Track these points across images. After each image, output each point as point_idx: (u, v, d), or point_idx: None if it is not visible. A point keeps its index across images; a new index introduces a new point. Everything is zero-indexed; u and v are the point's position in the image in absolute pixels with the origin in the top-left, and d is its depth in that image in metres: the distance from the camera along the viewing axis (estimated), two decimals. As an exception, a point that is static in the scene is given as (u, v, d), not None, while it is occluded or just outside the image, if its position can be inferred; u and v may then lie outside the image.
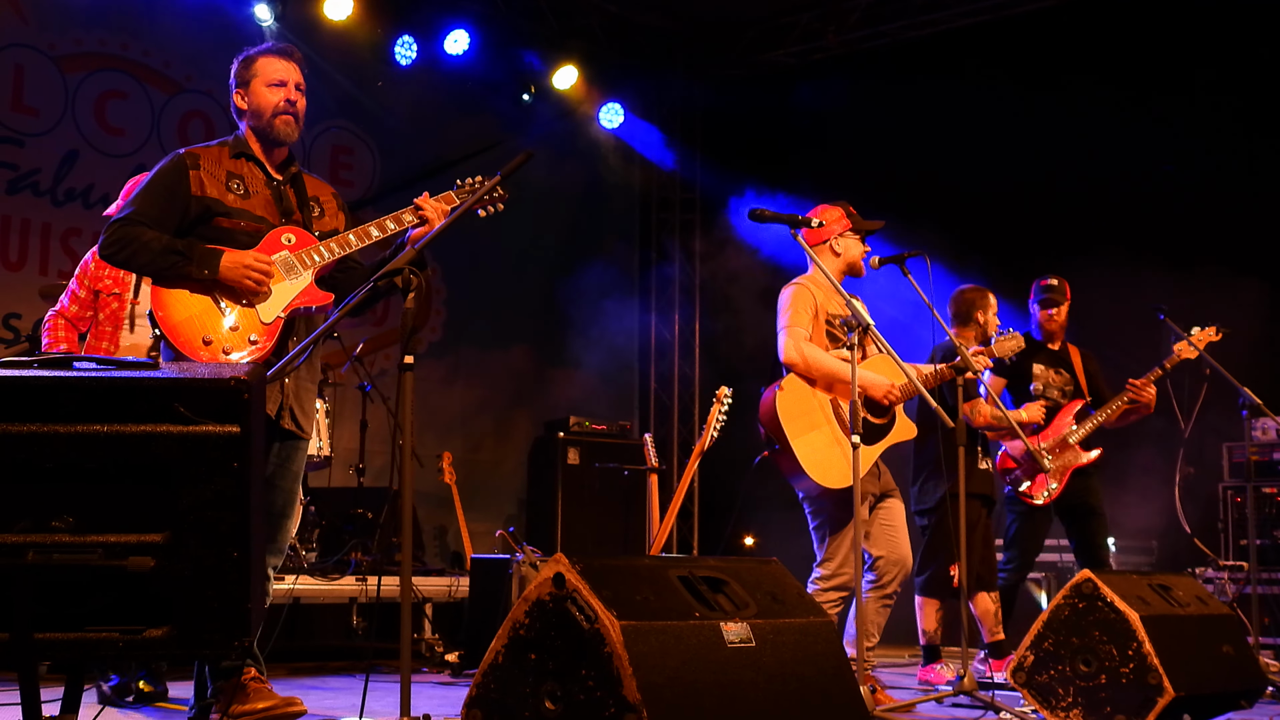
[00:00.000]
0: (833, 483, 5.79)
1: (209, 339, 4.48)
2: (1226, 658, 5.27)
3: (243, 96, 4.84)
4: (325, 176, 5.48)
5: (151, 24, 9.34)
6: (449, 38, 10.45)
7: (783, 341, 5.93)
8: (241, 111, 4.86)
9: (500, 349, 11.41)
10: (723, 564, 3.86)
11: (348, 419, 9.41)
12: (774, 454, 5.91)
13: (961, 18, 10.63)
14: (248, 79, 4.84)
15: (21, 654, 2.81)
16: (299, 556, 7.73)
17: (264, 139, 4.84)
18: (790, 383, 5.90)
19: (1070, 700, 4.97)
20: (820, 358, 5.87)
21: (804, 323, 5.94)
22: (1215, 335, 7.41)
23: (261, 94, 4.81)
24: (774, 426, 5.84)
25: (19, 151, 8.73)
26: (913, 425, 6.09)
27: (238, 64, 4.89)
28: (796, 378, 5.90)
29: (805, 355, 5.87)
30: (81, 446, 2.78)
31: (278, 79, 4.82)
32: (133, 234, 4.52)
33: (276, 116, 4.80)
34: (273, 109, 4.80)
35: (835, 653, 3.83)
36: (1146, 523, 9.41)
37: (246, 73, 4.85)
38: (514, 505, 11.30)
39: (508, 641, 3.47)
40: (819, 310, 6.00)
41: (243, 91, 4.84)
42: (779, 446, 5.84)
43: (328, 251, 4.72)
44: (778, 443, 5.84)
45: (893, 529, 6.01)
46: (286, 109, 4.81)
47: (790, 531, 7.86)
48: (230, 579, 2.80)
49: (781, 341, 5.94)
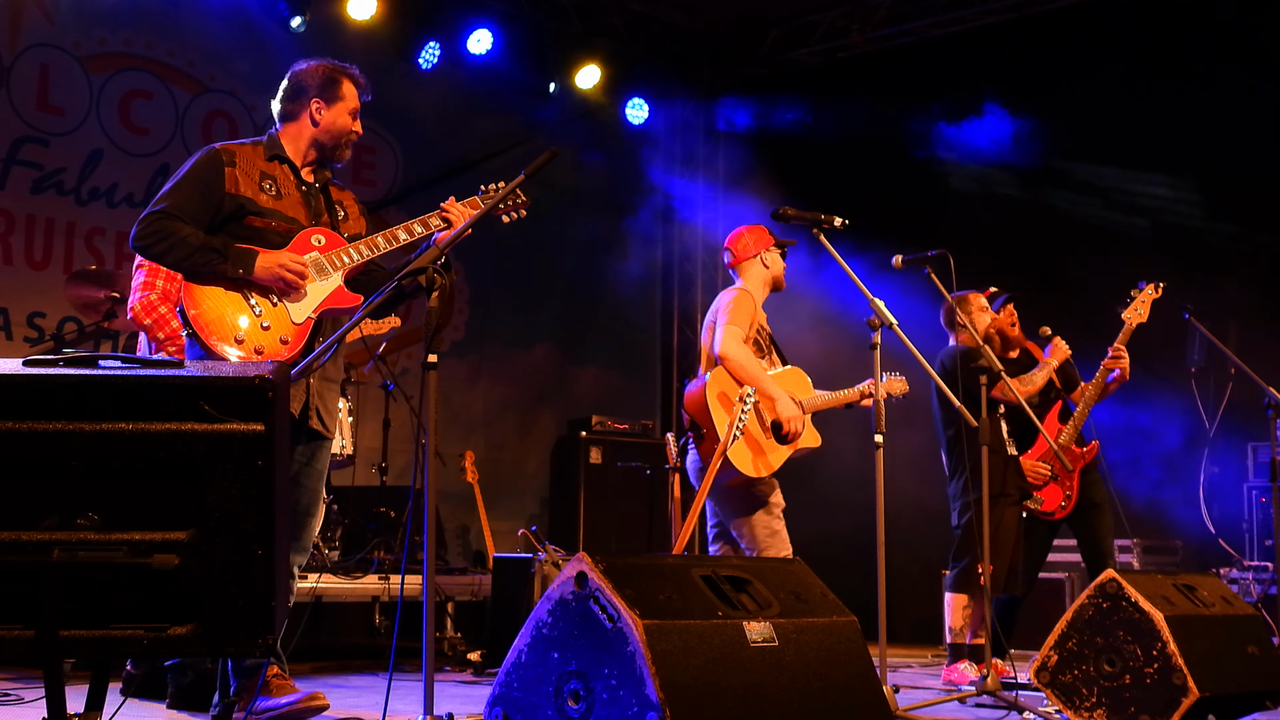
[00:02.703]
0: (750, 470, 6.10)
1: (241, 338, 4.49)
2: (1251, 658, 5.25)
3: (320, 110, 4.82)
4: (347, 176, 5.52)
5: (176, 24, 9.36)
6: (472, 37, 10.45)
7: (720, 334, 6.21)
8: (297, 117, 4.84)
9: (523, 348, 11.41)
10: (746, 563, 3.86)
11: (370, 418, 9.42)
12: (696, 440, 6.25)
13: (986, 15, 10.58)
14: (332, 97, 4.84)
15: (47, 651, 2.82)
16: (322, 555, 7.75)
17: (322, 154, 4.87)
18: (718, 374, 6.21)
19: (1094, 700, 4.95)
20: (752, 363, 6.18)
21: (745, 326, 6.27)
22: (1157, 293, 7.34)
23: (344, 118, 4.85)
24: (703, 415, 6.15)
25: (44, 151, 8.76)
26: (818, 434, 6.36)
27: (323, 74, 4.86)
28: (724, 372, 6.20)
29: (739, 355, 6.17)
30: (107, 444, 2.79)
31: (357, 108, 4.89)
32: (169, 228, 4.51)
33: (346, 146, 4.89)
34: (346, 135, 4.87)
35: (859, 652, 3.83)
36: (1171, 523, 9.37)
37: (334, 90, 4.84)
38: (536, 504, 11.30)
39: (531, 640, 3.47)
40: (755, 319, 6.35)
41: (322, 105, 4.83)
42: (705, 433, 6.16)
43: (356, 254, 4.74)
44: (704, 429, 6.16)
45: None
46: (354, 139, 4.92)
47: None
48: (255, 577, 2.81)
49: (719, 336, 6.22)
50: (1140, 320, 7.28)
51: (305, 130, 4.85)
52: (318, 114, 4.84)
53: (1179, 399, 9.28)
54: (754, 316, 6.32)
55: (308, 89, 4.85)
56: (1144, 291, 7.31)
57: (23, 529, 2.77)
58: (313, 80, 4.86)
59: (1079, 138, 10.11)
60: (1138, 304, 7.29)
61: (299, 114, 4.85)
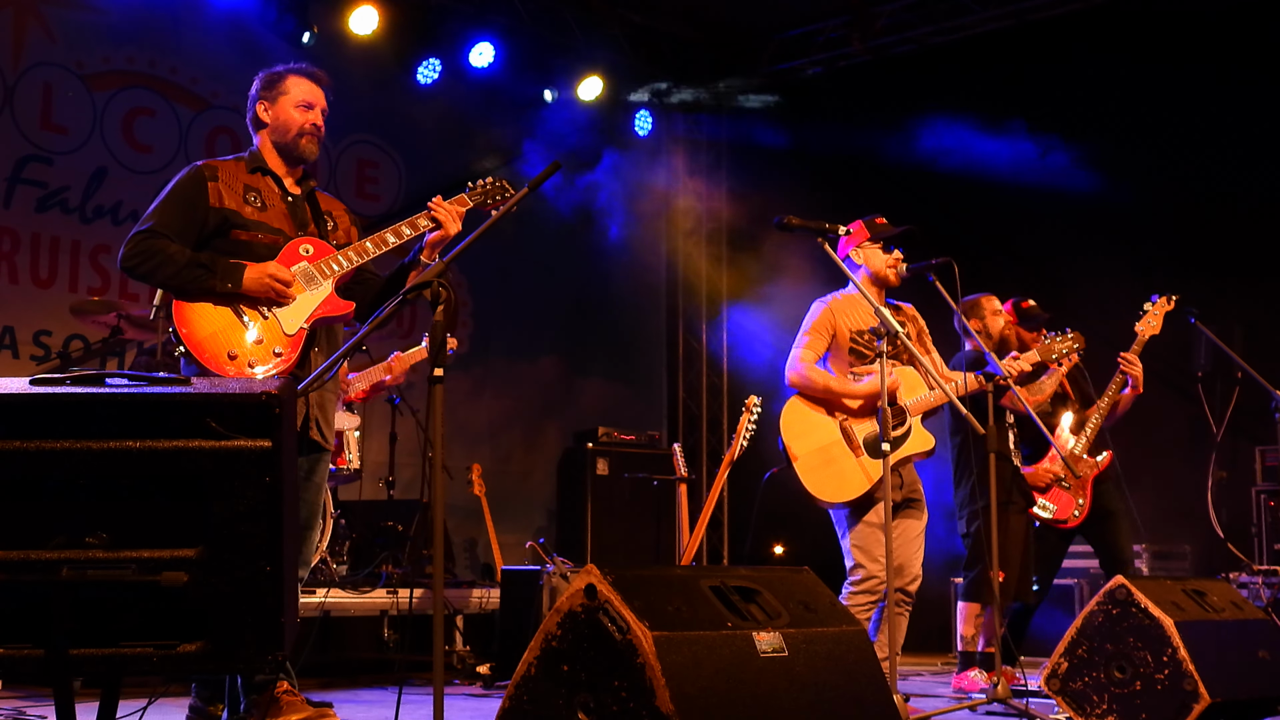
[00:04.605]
0: (830, 496, 5.85)
1: (234, 353, 4.49)
2: (1262, 663, 5.23)
3: (266, 110, 4.86)
4: (351, 190, 5.51)
5: (178, 41, 9.39)
6: (474, 50, 10.47)
7: (789, 359, 6.03)
8: (260, 123, 4.88)
9: (528, 360, 11.41)
10: (755, 574, 3.85)
11: (377, 431, 9.42)
12: (785, 469, 5.98)
13: (988, 23, 10.59)
14: (275, 95, 4.86)
15: (57, 670, 2.82)
16: (330, 570, 7.74)
17: (285, 155, 4.87)
18: (794, 400, 6.00)
19: (1105, 707, 4.94)
20: (820, 382, 5.93)
21: (816, 345, 6.02)
22: (1169, 305, 7.33)
23: (288, 113, 4.84)
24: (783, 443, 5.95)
25: (48, 169, 8.78)
26: (930, 437, 6.00)
27: (264, 77, 4.91)
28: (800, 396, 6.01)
29: (806, 377, 5.95)
30: (115, 463, 2.79)
31: (306, 100, 4.86)
32: (155, 247, 4.53)
33: (302, 137, 4.85)
34: (298, 129, 4.84)
35: (869, 662, 3.81)
36: (1179, 528, 9.35)
37: (274, 89, 4.87)
38: (544, 516, 11.29)
39: (540, 653, 3.46)
40: (839, 330, 6.03)
41: (267, 104, 4.86)
42: (787, 462, 5.93)
43: (346, 260, 4.74)
44: (787, 458, 5.93)
45: (901, 538, 5.93)
46: (313, 131, 4.87)
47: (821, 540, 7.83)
48: (264, 593, 2.81)
49: (789, 359, 6.03)
50: (1153, 332, 7.28)
51: (265, 136, 4.89)
52: (265, 114, 4.87)
53: (1186, 403, 9.27)
54: (834, 327, 6.02)
55: (255, 97, 4.91)
56: (1157, 304, 7.31)
57: (31, 548, 2.78)
58: (258, 85, 4.92)
59: (1085, 145, 10.12)
60: (1150, 316, 7.30)
61: (256, 122, 4.90)
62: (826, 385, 5.92)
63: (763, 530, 10.84)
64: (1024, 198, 10.16)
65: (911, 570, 5.90)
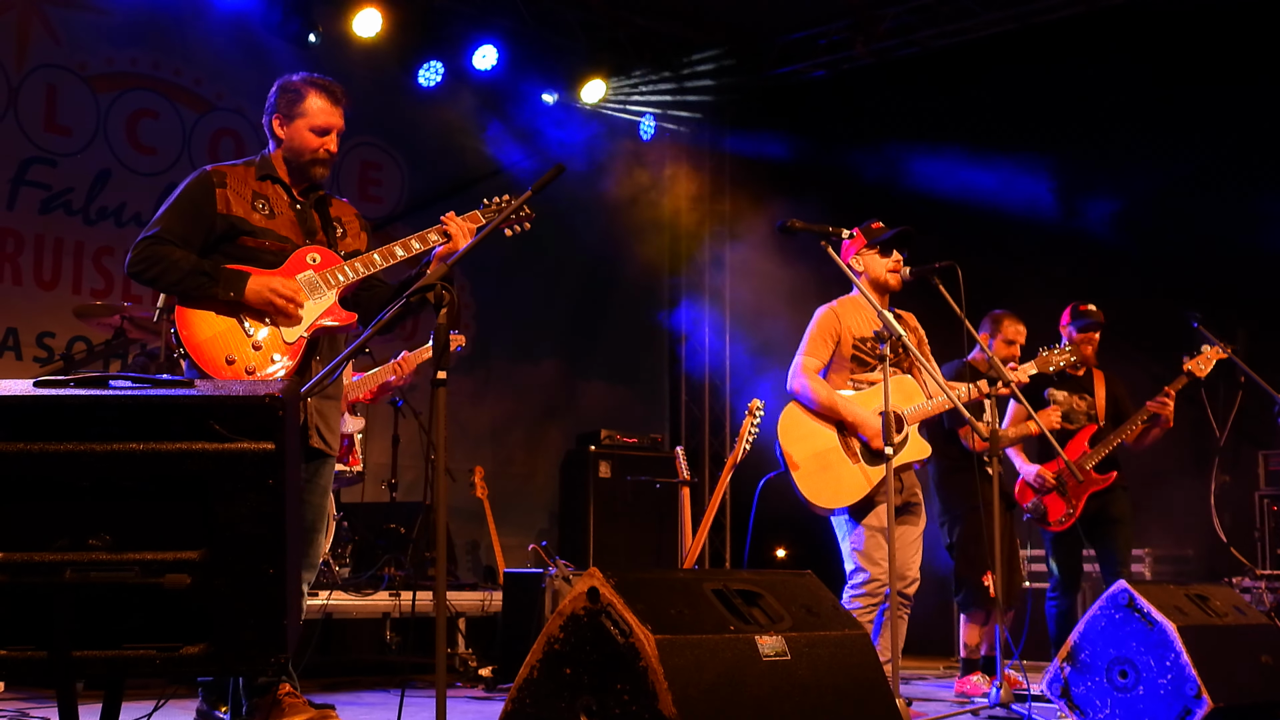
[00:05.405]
0: (827, 502, 5.85)
1: (232, 358, 4.49)
2: (1265, 668, 5.23)
3: (282, 126, 4.77)
4: (354, 192, 5.50)
5: (182, 43, 9.39)
6: (477, 53, 10.47)
7: (792, 368, 6.01)
8: (274, 135, 4.82)
9: (530, 362, 11.41)
10: (757, 577, 3.85)
11: (379, 434, 9.42)
12: (781, 475, 5.98)
13: (990, 26, 10.59)
14: (292, 115, 4.75)
15: (60, 671, 2.82)
16: (332, 572, 7.74)
17: (296, 173, 4.82)
18: (793, 406, 5.99)
19: (1108, 712, 4.94)
20: (823, 398, 5.90)
21: (819, 352, 6.01)
22: (1224, 354, 7.33)
23: (304, 136, 4.75)
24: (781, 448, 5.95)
25: (52, 171, 8.78)
26: (926, 445, 6.01)
27: (283, 91, 4.80)
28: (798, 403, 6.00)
29: (809, 389, 5.93)
30: (118, 465, 2.79)
31: (322, 125, 4.76)
32: (160, 253, 4.53)
33: (315, 164, 4.79)
34: (312, 154, 4.77)
35: (871, 665, 3.81)
36: (1182, 533, 9.34)
37: (293, 107, 4.75)
38: (546, 519, 11.29)
39: (542, 656, 3.46)
40: (843, 335, 6.02)
41: (282, 121, 4.77)
42: (785, 468, 5.92)
43: (352, 271, 4.71)
44: (785, 464, 5.92)
45: (900, 541, 5.88)
46: (326, 158, 4.81)
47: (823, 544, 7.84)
48: (267, 595, 2.81)
49: (791, 367, 6.02)
50: (1199, 375, 7.30)
51: (278, 148, 4.83)
52: (279, 130, 4.79)
53: (1189, 407, 9.26)
54: (838, 334, 6.01)
55: (272, 106, 4.82)
56: (1213, 349, 7.32)
57: (34, 550, 2.78)
58: (276, 96, 4.82)
59: (1088, 148, 10.12)
60: (1202, 359, 7.32)
61: (269, 130, 4.83)
62: (831, 403, 5.90)
63: (764, 534, 10.83)
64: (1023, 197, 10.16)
65: (909, 574, 5.91)
